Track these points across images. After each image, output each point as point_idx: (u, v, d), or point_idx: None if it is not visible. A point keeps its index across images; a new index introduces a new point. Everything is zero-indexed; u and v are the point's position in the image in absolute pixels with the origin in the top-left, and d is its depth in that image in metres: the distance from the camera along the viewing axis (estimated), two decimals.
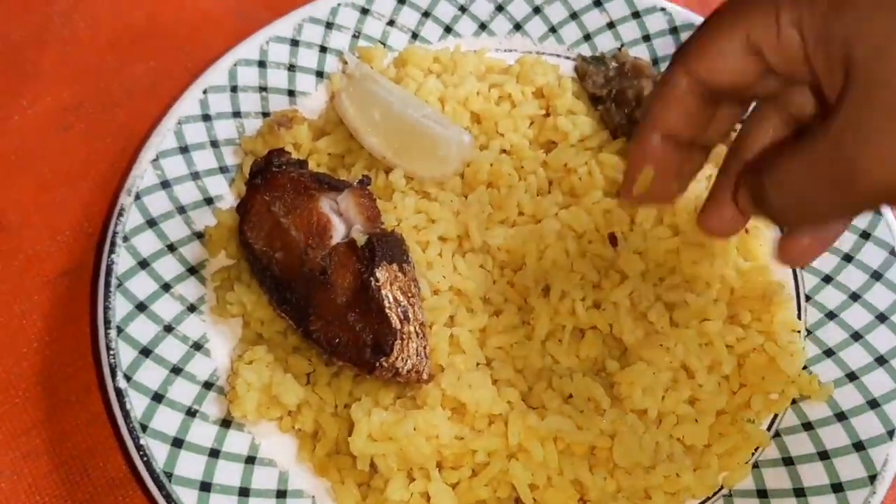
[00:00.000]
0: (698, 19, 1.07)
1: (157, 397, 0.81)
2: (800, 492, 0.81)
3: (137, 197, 0.90)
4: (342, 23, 1.07)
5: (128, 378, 0.81)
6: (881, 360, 0.86)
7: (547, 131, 0.99)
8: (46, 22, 1.13)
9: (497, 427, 0.80)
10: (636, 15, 1.09)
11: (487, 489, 0.79)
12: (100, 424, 0.87)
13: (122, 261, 0.87)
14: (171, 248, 0.90)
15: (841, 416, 0.84)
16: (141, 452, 0.78)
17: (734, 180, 0.66)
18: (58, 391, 0.88)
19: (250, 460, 0.82)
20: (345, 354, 0.78)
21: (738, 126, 0.68)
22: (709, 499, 0.82)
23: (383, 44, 1.08)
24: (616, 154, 0.97)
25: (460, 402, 0.80)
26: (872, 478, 0.79)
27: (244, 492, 0.80)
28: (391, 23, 1.09)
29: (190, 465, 0.79)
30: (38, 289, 0.94)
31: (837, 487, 0.80)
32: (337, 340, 0.78)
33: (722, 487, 0.83)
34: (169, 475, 0.77)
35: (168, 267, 0.89)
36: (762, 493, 0.81)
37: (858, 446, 0.81)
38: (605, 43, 1.09)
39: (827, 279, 0.93)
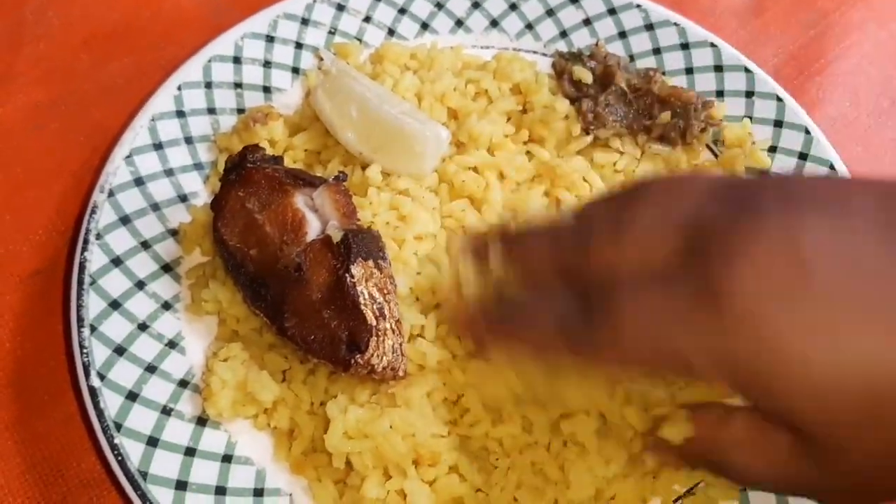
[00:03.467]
0: (673, 16, 1.07)
1: (132, 396, 0.80)
2: None
3: (111, 194, 0.89)
4: (318, 19, 1.06)
5: (101, 377, 0.80)
6: None
7: (524, 127, 0.99)
8: (20, 20, 1.12)
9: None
10: (612, 11, 1.09)
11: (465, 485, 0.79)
12: (74, 424, 0.85)
13: (96, 258, 0.86)
14: (145, 245, 0.89)
15: None
16: (115, 452, 0.77)
17: None
18: (31, 391, 0.87)
19: (226, 458, 0.81)
20: (320, 351, 0.77)
21: None
22: None
23: (359, 40, 1.07)
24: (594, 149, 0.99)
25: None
26: None
27: (221, 490, 0.79)
28: (367, 19, 1.08)
29: (165, 464, 0.78)
30: (11, 288, 0.92)
31: None
32: (312, 337, 0.77)
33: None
34: (144, 474, 0.76)
35: (142, 264, 0.88)
36: None
37: None
38: (582, 39, 1.09)
39: None
